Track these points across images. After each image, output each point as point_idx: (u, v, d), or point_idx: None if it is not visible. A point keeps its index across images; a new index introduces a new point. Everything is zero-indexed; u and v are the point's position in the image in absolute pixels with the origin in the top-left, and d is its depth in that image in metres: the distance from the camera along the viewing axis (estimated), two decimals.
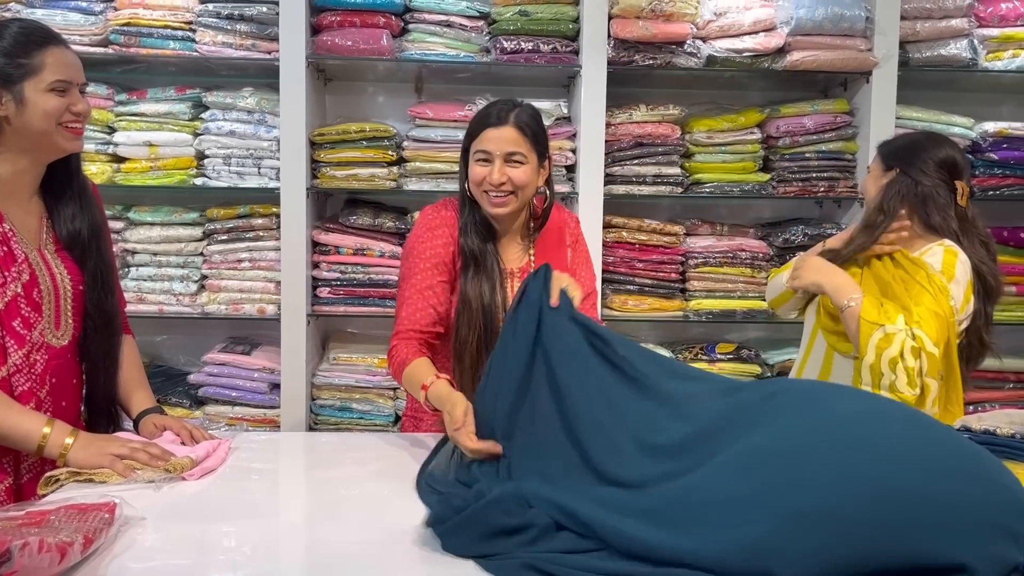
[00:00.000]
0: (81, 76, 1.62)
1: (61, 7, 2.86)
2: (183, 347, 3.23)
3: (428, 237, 1.88)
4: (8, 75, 1.52)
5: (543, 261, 1.88)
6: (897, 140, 2.15)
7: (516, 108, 1.82)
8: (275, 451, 1.81)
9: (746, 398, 1.26)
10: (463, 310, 1.83)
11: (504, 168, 1.79)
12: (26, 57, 1.53)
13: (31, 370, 1.55)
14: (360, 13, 2.89)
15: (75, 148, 1.62)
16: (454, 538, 1.18)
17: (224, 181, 2.93)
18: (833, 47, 2.95)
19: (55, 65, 1.55)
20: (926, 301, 1.82)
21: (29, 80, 1.53)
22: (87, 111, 1.61)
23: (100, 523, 1.16)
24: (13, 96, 1.53)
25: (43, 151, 1.59)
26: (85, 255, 1.67)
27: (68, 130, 1.58)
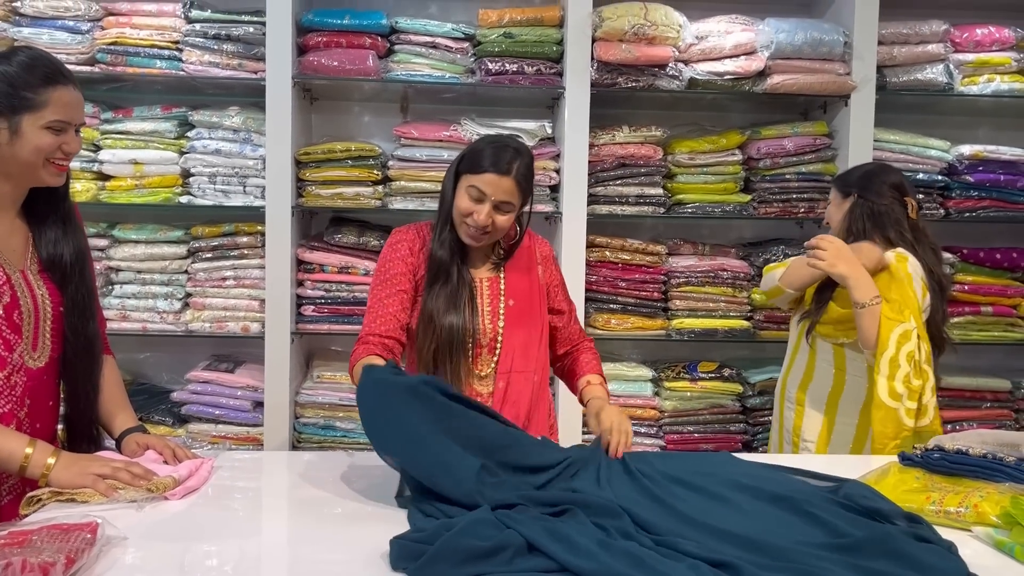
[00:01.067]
0: (81, 117, 1.61)
1: (48, 26, 2.87)
2: (166, 365, 3.23)
3: (389, 254, 1.96)
4: (10, 105, 1.52)
5: (513, 277, 1.97)
6: (851, 172, 2.40)
7: (519, 158, 1.85)
8: (258, 470, 1.81)
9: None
10: (423, 322, 1.88)
11: (492, 213, 1.84)
12: (31, 92, 1.52)
13: (11, 392, 1.55)
14: (346, 34, 2.92)
15: (57, 183, 1.61)
16: (430, 571, 1.17)
17: (209, 199, 2.94)
18: (812, 71, 3.00)
19: (57, 105, 1.54)
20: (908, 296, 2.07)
21: (29, 114, 1.53)
22: (77, 151, 1.61)
23: (82, 543, 1.16)
24: (9, 125, 1.52)
25: (25, 179, 1.59)
26: (66, 279, 1.66)
27: (54, 166, 1.58)
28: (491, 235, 1.88)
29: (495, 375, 1.94)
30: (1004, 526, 1.35)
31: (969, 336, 3.18)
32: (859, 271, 2.07)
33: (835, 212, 2.35)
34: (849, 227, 2.28)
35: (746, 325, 3.12)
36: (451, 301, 1.88)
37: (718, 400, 3.13)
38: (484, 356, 1.93)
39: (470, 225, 1.85)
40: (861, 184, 2.30)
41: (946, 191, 3.16)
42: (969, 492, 1.43)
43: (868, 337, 2.05)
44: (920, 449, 1.59)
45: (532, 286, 2.00)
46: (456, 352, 1.88)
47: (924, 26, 3.05)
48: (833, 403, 2.25)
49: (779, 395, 2.43)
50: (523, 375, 1.95)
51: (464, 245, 1.93)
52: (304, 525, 1.46)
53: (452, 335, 1.87)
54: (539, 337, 1.99)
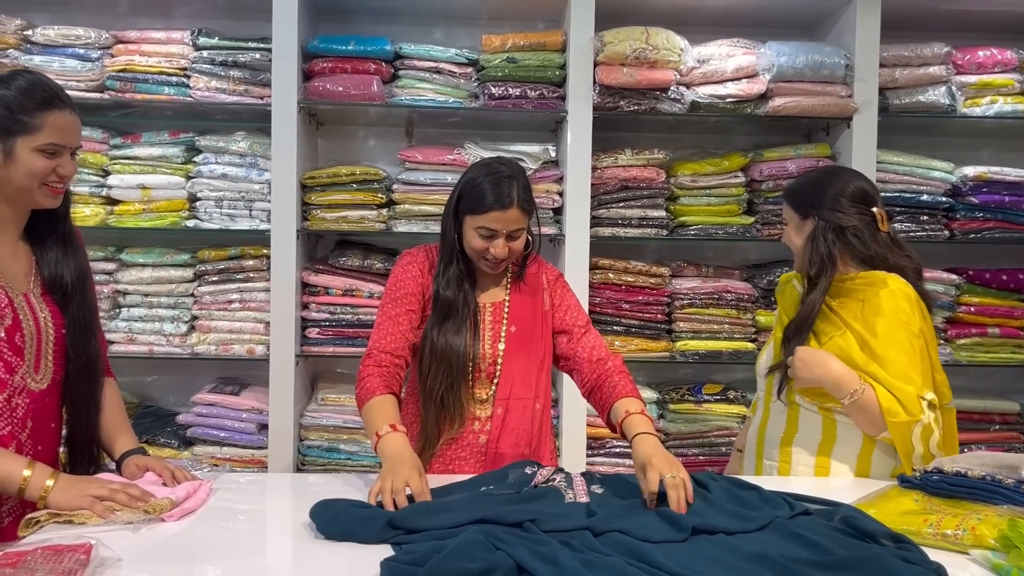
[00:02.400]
0: (76, 140, 1.63)
1: (59, 53, 2.92)
2: (172, 387, 3.25)
3: (400, 273, 1.97)
4: (5, 128, 1.54)
5: (517, 302, 1.97)
6: (800, 185, 2.06)
7: (515, 183, 1.85)
8: (256, 492, 1.81)
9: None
10: (429, 355, 1.89)
11: (506, 243, 1.86)
12: (26, 115, 1.55)
13: (12, 414, 1.57)
14: (351, 60, 2.96)
15: (51, 205, 1.63)
16: None
17: (216, 223, 2.97)
18: (814, 93, 3.01)
19: (52, 129, 1.57)
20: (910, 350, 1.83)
21: (23, 137, 1.55)
22: (72, 174, 1.63)
23: (76, 564, 1.17)
24: (3, 148, 1.55)
25: (22, 202, 1.62)
26: (67, 300, 1.68)
27: (49, 188, 1.60)
28: (509, 258, 1.91)
29: (494, 400, 1.94)
30: (1002, 549, 1.33)
31: (976, 358, 3.15)
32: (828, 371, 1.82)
33: (794, 236, 2.02)
34: (812, 256, 1.95)
35: (751, 347, 3.11)
36: (456, 329, 1.90)
37: (723, 422, 3.11)
38: (483, 380, 1.94)
39: (488, 260, 1.88)
40: (815, 202, 1.97)
41: (951, 212, 3.16)
42: (967, 515, 1.42)
43: (871, 429, 1.83)
44: (919, 471, 1.58)
45: (536, 313, 2.01)
46: (457, 377, 1.90)
47: (926, 48, 3.06)
48: (826, 452, 1.93)
49: (754, 451, 2.08)
50: (522, 402, 1.95)
51: (472, 273, 1.95)
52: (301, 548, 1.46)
53: (454, 361, 1.89)
54: (540, 364, 1.99)
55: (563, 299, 2.04)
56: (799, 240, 2.00)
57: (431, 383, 1.90)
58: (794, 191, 2.05)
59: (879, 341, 1.82)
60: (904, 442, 1.76)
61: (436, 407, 1.90)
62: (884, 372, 1.80)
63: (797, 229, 2.01)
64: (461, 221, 1.90)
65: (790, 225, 2.04)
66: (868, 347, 1.84)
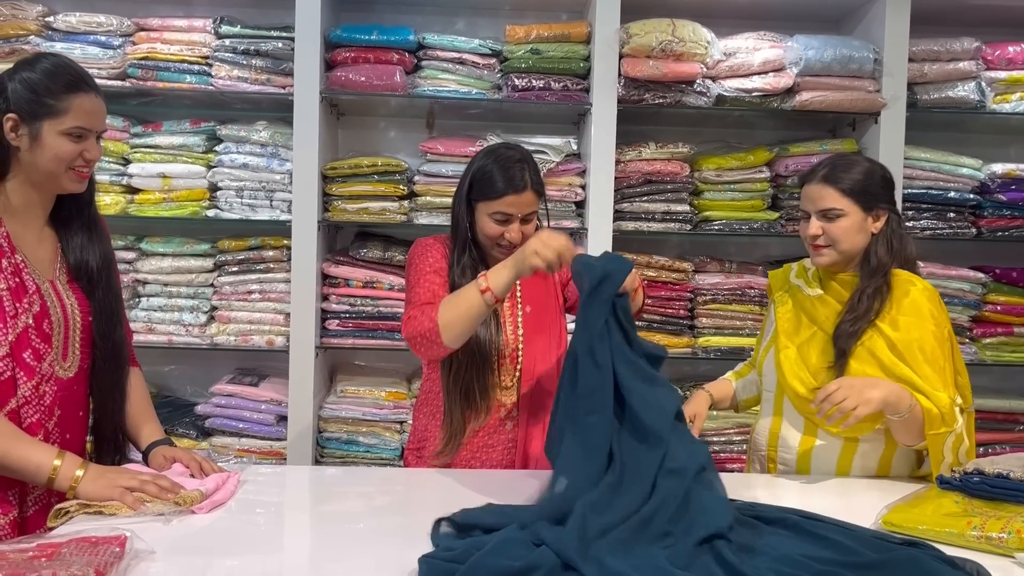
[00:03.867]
0: (102, 124, 1.62)
1: (81, 41, 2.91)
2: (191, 378, 3.24)
3: (422, 252, 1.95)
4: (31, 111, 1.53)
5: (528, 283, 1.98)
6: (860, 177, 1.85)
7: (526, 167, 1.85)
8: (284, 485, 1.80)
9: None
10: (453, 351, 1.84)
11: (520, 227, 1.85)
12: (52, 98, 1.53)
13: (40, 402, 1.55)
14: (374, 50, 2.94)
15: (78, 189, 1.62)
16: None
17: (236, 213, 2.95)
18: (842, 88, 2.97)
19: (78, 112, 1.55)
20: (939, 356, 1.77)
21: (49, 120, 1.54)
22: (98, 158, 1.62)
23: (111, 556, 1.15)
24: (29, 131, 1.54)
25: (49, 187, 1.60)
26: (93, 286, 1.67)
27: (75, 173, 1.59)
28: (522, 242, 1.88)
29: (519, 385, 1.93)
30: None
31: (1001, 357, 3.12)
32: (887, 392, 1.66)
33: (855, 232, 1.84)
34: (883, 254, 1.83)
35: None
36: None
37: (743, 419, 3.09)
38: (507, 366, 1.93)
39: (503, 245, 1.86)
40: (886, 196, 1.86)
41: (978, 210, 3.12)
42: (1011, 517, 1.39)
43: (909, 440, 1.76)
44: (959, 472, 1.55)
45: (548, 291, 2.02)
46: (483, 367, 1.88)
47: (956, 43, 3.02)
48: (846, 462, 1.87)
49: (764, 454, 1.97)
50: (547, 381, 1.94)
51: (484, 260, 1.94)
52: (328, 540, 1.45)
53: (477, 352, 1.87)
54: (558, 341, 2.00)
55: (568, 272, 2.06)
56: (860, 236, 1.84)
57: (455, 377, 1.88)
58: (856, 184, 1.83)
59: (910, 344, 1.76)
60: (937, 452, 1.72)
61: (462, 401, 1.88)
62: (916, 376, 1.74)
63: (858, 224, 1.84)
64: (473, 209, 1.89)
65: (846, 220, 1.83)
66: (897, 349, 1.77)
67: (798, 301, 1.97)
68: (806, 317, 1.93)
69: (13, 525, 1.53)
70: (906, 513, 1.48)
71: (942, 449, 1.70)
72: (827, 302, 1.91)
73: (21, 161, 1.56)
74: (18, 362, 1.52)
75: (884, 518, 1.49)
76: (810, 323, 1.92)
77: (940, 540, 1.40)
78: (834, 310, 1.89)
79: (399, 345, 3.00)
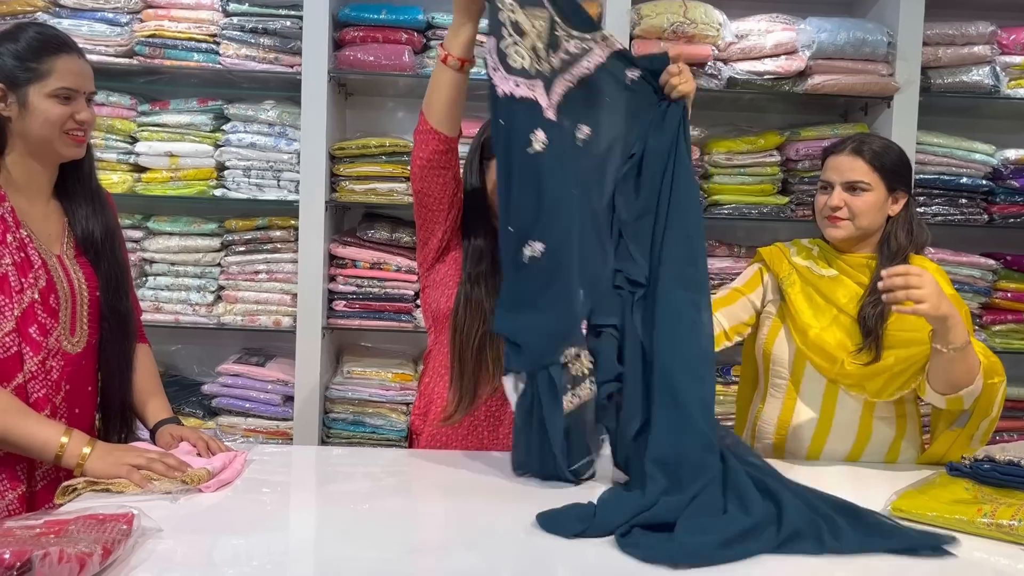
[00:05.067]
0: (89, 85, 1.62)
1: (87, 17, 2.89)
2: (198, 357, 3.24)
3: None
4: (15, 77, 1.54)
5: None
6: (892, 156, 1.86)
7: None
8: (290, 465, 1.81)
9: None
10: (469, 307, 1.81)
11: None
12: (35, 62, 1.54)
13: (47, 377, 1.55)
14: (383, 29, 2.91)
15: (75, 155, 1.62)
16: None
17: (243, 193, 2.94)
18: (854, 71, 2.94)
19: (63, 72, 1.56)
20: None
21: (34, 85, 1.54)
22: (91, 120, 1.62)
23: (118, 534, 1.15)
24: (17, 98, 1.54)
25: (47, 155, 1.60)
26: (99, 257, 1.68)
27: (70, 137, 1.59)
28: None
29: None
30: None
31: (1011, 345, 3.10)
32: (954, 309, 1.58)
33: (874, 209, 1.82)
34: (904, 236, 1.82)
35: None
36: (496, 286, 1.80)
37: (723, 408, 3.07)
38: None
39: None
40: (906, 177, 1.85)
41: (990, 196, 3.09)
42: (1022, 505, 1.38)
43: (956, 383, 1.65)
44: (969, 459, 1.54)
45: None
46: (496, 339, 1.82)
47: (970, 27, 2.98)
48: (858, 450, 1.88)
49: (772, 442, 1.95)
50: None
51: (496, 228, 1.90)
52: (334, 521, 1.45)
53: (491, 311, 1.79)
54: None
55: None
56: (878, 215, 1.84)
57: (467, 335, 1.80)
58: (886, 162, 1.83)
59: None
60: (990, 405, 1.70)
61: (473, 361, 1.80)
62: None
63: (880, 202, 1.83)
64: (486, 168, 1.87)
65: (871, 195, 1.82)
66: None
67: (809, 282, 1.92)
68: (821, 299, 1.90)
69: (22, 500, 1.53)
70: (915, 499, 1.47)
71: (995, 401, 1.70)
72: (844, 283, 1.88)
73: (15, 132, 1.56)
74: (24, 337, 1.52)
75: (893, 504, 1.48)
76: (827, 304, 1.88)
77: (950, 527, 1.40)
78: (854, 292, 1.86)
79: (406, 327, 3.00)
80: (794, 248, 2.02)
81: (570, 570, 1.25)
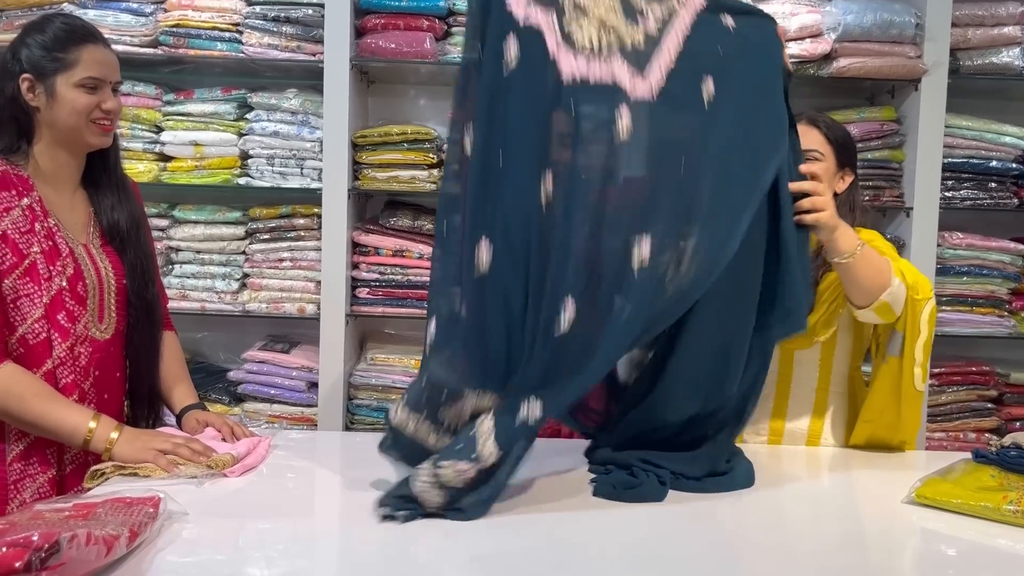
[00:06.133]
0: (115, 75, 1.64)
1: (113, 8, 2.91)
2: (224, 344, 3.27)
3: None
4: (43, 68, 1.56)
5: None
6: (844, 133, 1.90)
7: None
8: (314, 450, 1.83)
9: None
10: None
11: None
12: (62, 52, 1.57)
13: (75, 363, 1.58)
14: (404, 16, 2.91)
15: (103, 143, 1.65)
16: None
17: (267, 181, 2.96)
18: (881, 54, 2.90)
19: (88, 62, 1.59)
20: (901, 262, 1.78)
21: (61, 75, 1.57)
22: (117, 109, 1.64)
23: (145, 517, 1.17)
24: (45, 89, 1.57)
25: (74, 144, 1.63)
26: (124, 245, 1.71)
27: (97, 126, 1.61)
28: None
29: None
30: None
31: None
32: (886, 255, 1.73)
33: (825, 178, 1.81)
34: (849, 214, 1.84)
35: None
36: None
37: None
38: None
39: None
40: (855, 159, 1.91)
41: (1020, 180, 3.03)
42: None
43: (870, 288, 1.66)
44: (996, 446, 1.52)
45: None
46: None
47: (1000, 7, 2.92)
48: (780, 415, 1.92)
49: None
50: None
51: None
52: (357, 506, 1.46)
53: None
54: None
55: None
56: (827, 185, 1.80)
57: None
58: (834, 134, 1.87)
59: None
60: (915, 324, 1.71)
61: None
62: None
63: (830, 175, 1.85)
64: None
65: (824, 163, 1.83)
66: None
67: None
68: None
69: (52, 483, 1.56)
70: (940, 486, 1.46)
71: (920, 319, 1.71)
72: None
73: (43, 122, 1.59)
74: (53, 324, 1.55)
75: (917, 491, 1.47)
76: None
77: (975, 514, 1.39)
78: None
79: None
80: None
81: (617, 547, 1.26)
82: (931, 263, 2.92)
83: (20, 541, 0.94)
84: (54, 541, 0.94)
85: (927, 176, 2.92)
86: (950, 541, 1.33)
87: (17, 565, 0.92)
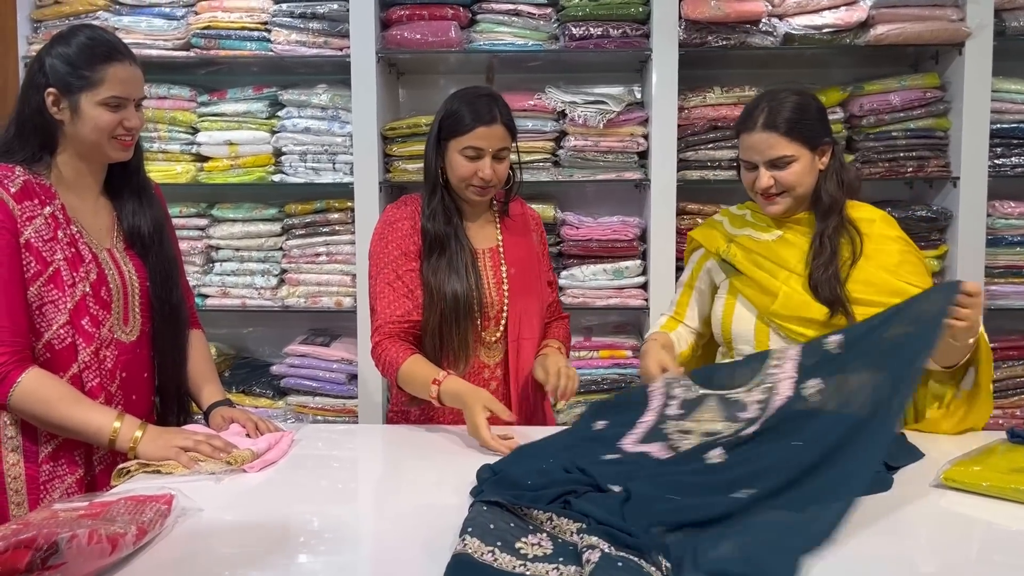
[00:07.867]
0: (139, 92, 1.65)
1: (146, 13, 2.98)
2: (266, 339, 3.34)
3: (388, 232, 1.91)
4: (68, 84, 1.58)
5: (510, 243, 1.97)
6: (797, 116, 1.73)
7: (496, 103, 1.84)
8: (336, 444, 1.83)
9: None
10: (426, 295, 1.85)
11: (493, 164, 1.83)
12: (88, 70, 1.58)
13: (100, 366, 1.62)
14: (428, 6, 2.91)
15: (123, 158, 1.67)
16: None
17: (300, 177, 3.00)
18: (921, 18, 2.79)
19: (113, 81, 1.60)
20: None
21: (86, 92, 1.59)
22: (139, 126, 1.66)
23: (156, 514, 1.20)
24: (69, 104, 1.59)
25: (96, 157, 1.66)
26: (146, 250, 1.73)
27: (118, 142, 1.64)
28: (495, 186, 1.87)
29: (505, 343, 1.93)
30: None
31: None
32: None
33: (807, 174, 1.75)
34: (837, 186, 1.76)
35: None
36: (452, 267, 1.85)
37: None
38: (491, 327, 1.92)
39: (475, 184, 1.84)
40: (826, 128, 1.78)
41: None
42: None
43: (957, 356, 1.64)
44: None
45: (530, 253, 2.02)
46: (463, 320, 1.84)
47: None
48: None
49: None
50: (530, 342, 1.95)
51: (459, 214, 1.92)
52: (378, 499, 1.47)
53: (457, 303, 1.83)
54: (540, 304, 1.99)
55: (544, 247, 2.09)
56: (811, 177, 1.77)
57: (427, 317, 1.84)
58: (795, 125, 1.73)
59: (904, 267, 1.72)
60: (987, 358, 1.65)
61: (432, 342, 1.84)
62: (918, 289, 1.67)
63: (809, 165, 1.75)
64: (444, 150, 1.86)
65: (797, 164, 1.74)
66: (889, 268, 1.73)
67: (752, 250, 1.84)
68: (769, 263, 1.81)
69: (80, 484, 1.61)
70: (968, 469, 1.40)
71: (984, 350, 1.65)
72: (791, 242, 1.81)
73: (67, 134, 1.61)
74: (77, 329, 1.59)
75: (945, 474, 1.41)
76: (777, 268, 1.80)
77: (1004, 496, 1.33)
78: (801, 251, 1.79)
79: None
80: (726, 219, 1.95)
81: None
82: (980, 235, 2.82)
83: (24, 541, 0.96)
84: (52, 542, 0.97)
85: (974, 144, 2.81)
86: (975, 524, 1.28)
87: (21, 565, 0.95)
